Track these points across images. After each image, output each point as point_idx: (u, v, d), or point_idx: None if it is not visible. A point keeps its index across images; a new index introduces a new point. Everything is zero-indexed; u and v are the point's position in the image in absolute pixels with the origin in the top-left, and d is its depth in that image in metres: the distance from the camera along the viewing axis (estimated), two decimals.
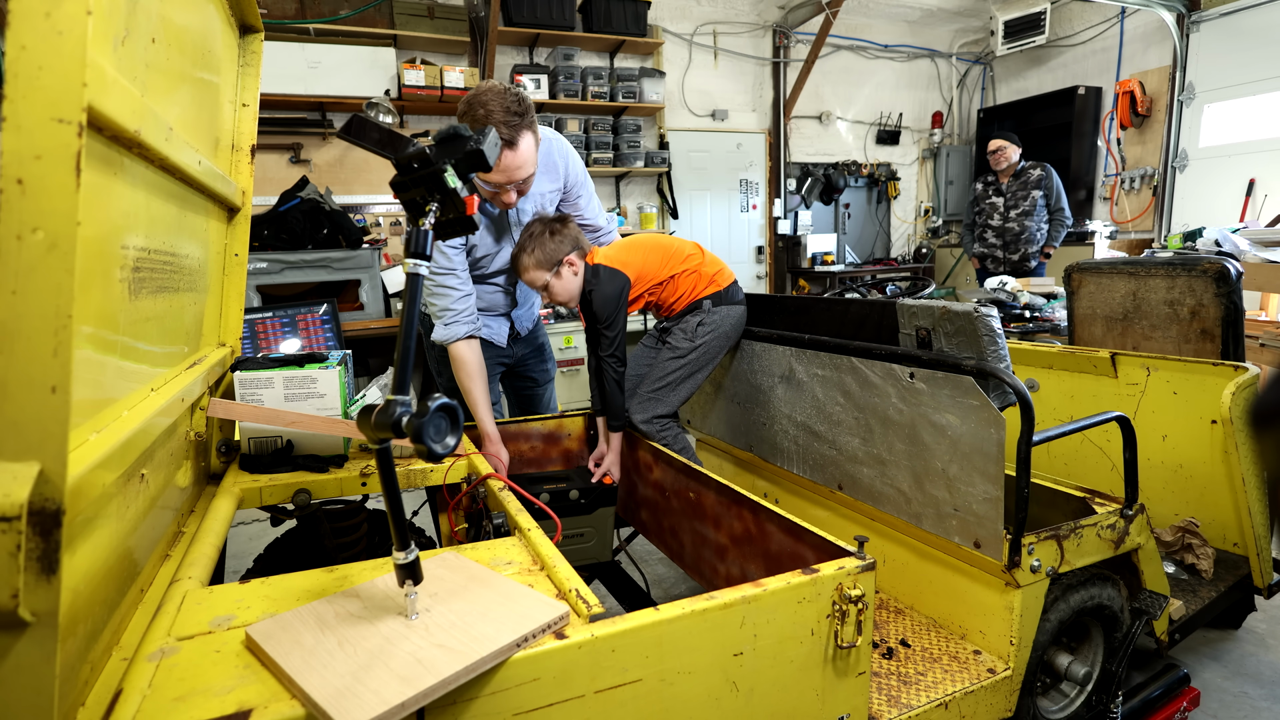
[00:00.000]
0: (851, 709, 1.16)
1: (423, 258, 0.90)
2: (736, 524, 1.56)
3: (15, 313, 0.55)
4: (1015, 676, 1.47)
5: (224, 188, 1.43)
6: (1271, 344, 3.46)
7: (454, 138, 0.93)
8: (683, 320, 2.09)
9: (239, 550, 2.93)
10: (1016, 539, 1.41)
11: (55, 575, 0.58)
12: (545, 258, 1.92)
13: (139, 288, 0.96)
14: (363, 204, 4.99)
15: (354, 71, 4.54)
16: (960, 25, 7.04)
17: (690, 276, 2.07)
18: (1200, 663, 2.10)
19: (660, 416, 2.03)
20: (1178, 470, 2.10)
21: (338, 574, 1.08)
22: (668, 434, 2.04)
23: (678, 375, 2.05)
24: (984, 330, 1.50)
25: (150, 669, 0.82)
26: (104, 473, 0.75)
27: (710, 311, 2.07)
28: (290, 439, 1.54)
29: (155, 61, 0.99)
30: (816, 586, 1.07)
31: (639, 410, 2.04)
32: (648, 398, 2.05)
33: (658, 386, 2.05)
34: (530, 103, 1.77)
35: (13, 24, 0.54)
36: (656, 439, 2.00)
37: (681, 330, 2.07)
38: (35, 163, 0.55)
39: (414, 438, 0.82)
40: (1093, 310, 2.45)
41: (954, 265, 6.96)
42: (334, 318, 3.71)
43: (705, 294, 2.07)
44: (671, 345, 2.08)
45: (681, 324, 2.08)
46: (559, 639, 0.89)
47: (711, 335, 2.05)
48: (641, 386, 2.09)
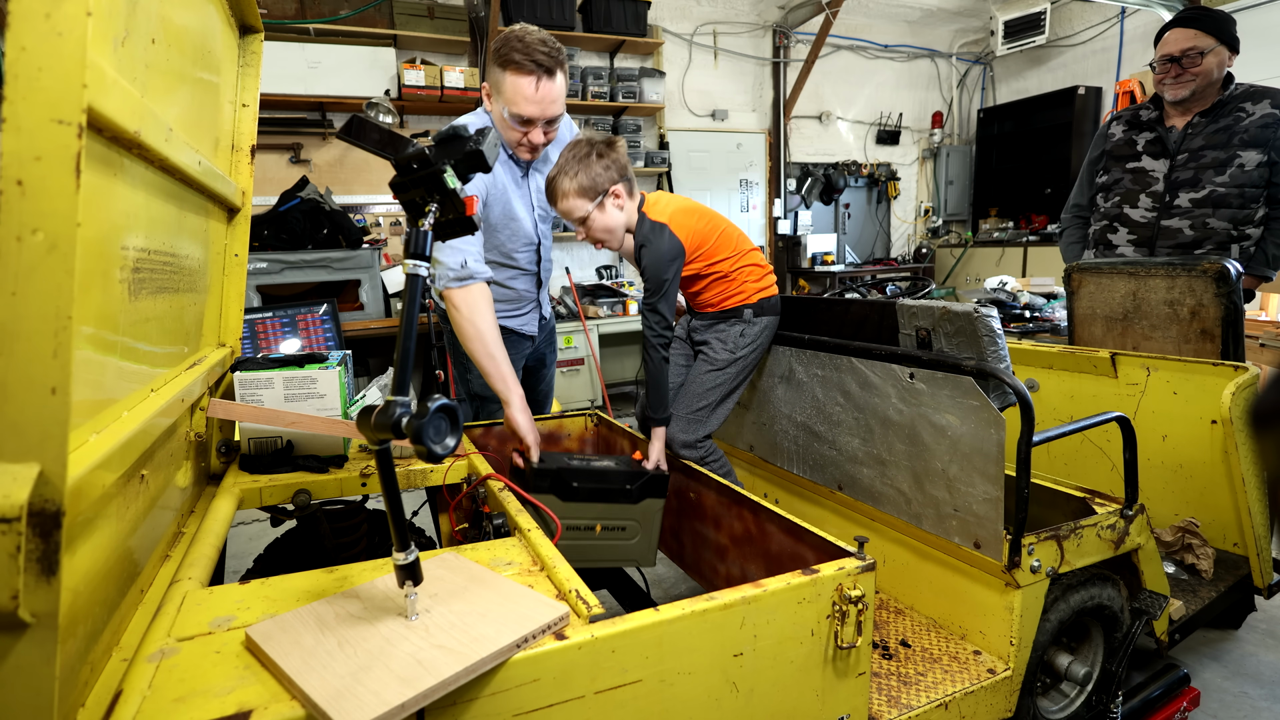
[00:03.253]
0: (851, 709, 1.16)
1: (422, 258, 0.90)
2: (737, 524, 1.56)
3: (15, 314, 0.55)
4: (1015, 677, 1.47)
5: (224, 188, 1.43)
6: (1271, 344, 3.46)
7: (453, 138, 0.93)
8: (720, 328, 1.91)
9: (239, 550, 2.93)
10: (1016, 539, 1.41)
11: (55, 576, 0.58)
12: (589, 183, 1.67)
13: (139, 288, 0.96)
14: (363, 204, 4.99)
15: (354, 71, 4.54)
16: (960, 25, 7.04)
17: (746, 273, 1.87)
18: (1200, 663, 2.10)
19: (705, 438, 1.88)
20: (1178, 470, 2.10)
21: (338, 575, 1.08)
22: (712, 457, 1.89)
23: (717, 393, 1.88)
24: (984, 330, 1.50)
25: (150, 670, 0.82)
26: (104, 474, 0.75)
27: (752, 322, 1.89)
28: (290, 439, 1.54)
29: (155, 62, 0.99)
30: (816, 587, 1.07)
31: (681, 430, 1.85)
32: (689, 419, 1.86)
33: (698, 407, 1.88)
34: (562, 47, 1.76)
35: (12, 25, 0.54)
36: (701, 463, 1.82)
37: (720, 340, 1.90)
38: (35, 164, 0.55)
39: (414, 439, 0.82)
40: (1093, 310, 2.44)
41: (954, 265, 6.96)
42: (334, 318, 3.71)
43: (751, 300, 1.88)
44: (709, 357, 1.90)
45: (719, 332, 1.90)
46: (559, 640, 0.89)
47: (750, 349, 1.90)
48: (679, 406, 1.89)
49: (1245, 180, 2.29)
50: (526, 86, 1.71)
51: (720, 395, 1.91)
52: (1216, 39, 2.32)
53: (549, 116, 1.78)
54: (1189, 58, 2.32)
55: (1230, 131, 2.32)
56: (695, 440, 1.87)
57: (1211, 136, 2.35)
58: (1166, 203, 2.42)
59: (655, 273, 1.71)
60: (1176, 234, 2.40)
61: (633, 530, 1.75)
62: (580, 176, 1.66)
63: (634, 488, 1.69)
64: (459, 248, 1.75)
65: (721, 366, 1.90)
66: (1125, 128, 2.56)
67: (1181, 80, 2.36)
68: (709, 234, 1.82)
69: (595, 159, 1.68)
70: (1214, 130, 2.35)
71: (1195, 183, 2.36)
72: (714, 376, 1.90)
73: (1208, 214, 2.35)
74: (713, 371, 1.90)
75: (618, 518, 1.71)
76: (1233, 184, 2.30)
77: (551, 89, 1.72)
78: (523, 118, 1.76)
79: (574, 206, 1.70)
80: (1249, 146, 2.28)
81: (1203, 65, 2.31)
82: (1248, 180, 2.29)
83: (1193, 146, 2.38)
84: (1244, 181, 2.29)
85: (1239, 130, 2.30)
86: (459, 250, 1.75)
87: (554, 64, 1.70)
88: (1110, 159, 2.59)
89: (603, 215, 1.70)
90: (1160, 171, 2.44)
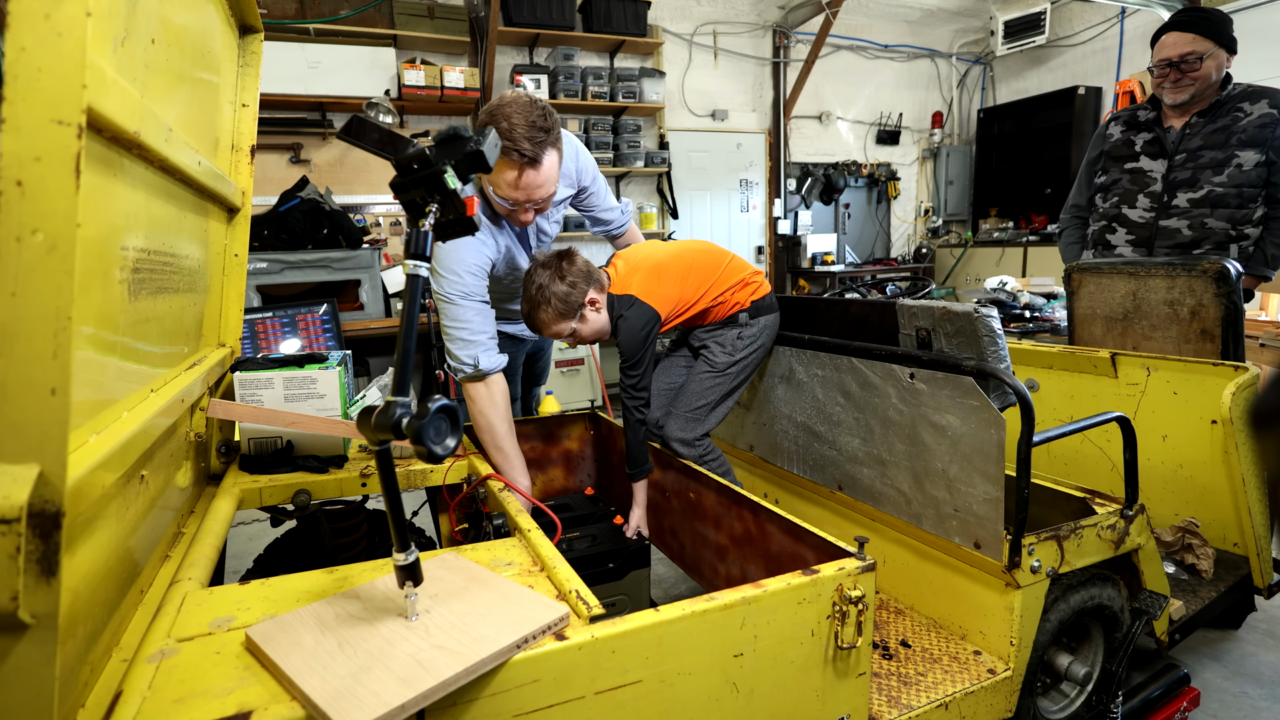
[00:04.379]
0: (851, 710, 1.16)
1: (422, 259, 0.90)
2: (737, 524, 1.56)
3: (15, 314, 0.55)
4: (1015, 677, 1.47)
5: (224, 188, 1.43)
6: (1271, 344, 3.46)
7: (454, 138, 0.93)
8: (718, 333, 1.95)
9: (239, 550, 2.93)
10: (1017, 539, 1.41)
11: (55, 577, 0.58)
12: (565, 307, 1.72)
13: (139, 289, 0.96)
14: (363, 204, 4.99)
15: (354, 71, 4.54)
16: (960, 25, 7.04)
17: (727, 294, 1.91)
18: (1200, 663, 2.10)
19: (703, 437, 1.90)
20: (1178, 470, 2.10)
21: (338, 575, 1.08)
22: (710, 456, 1.90)
23: (715, 394, 1.91)
24: (984, 330, 1.50)
25: (150, 670, 0.82)
26: (104, 474, 0.75)
27: (747, 325, 1.93)
28: (290, 439, 1.54)
29: (155, 62, 0.99)
30: (817, 587, 1.07)
31: (679, 429, 1.88)
32: (687, 417, 1.89)
33: (697, 405, 1.90)
34: (556, 118, 1.63)
35: (12, 25, 0.54)
36: (699, 462, 1.83)
37: (719, 344, 1.94)
38: (35, 164, 0.55)
39: (414, 439, 0.82)
40: (1093, 310, 2.44)
41: (954, 265, 6.96)
42: (334, 318, 3.71)
43: (745, 305, 1.93)
44: (708, 360, 1.94)
45: (718, 336, 1.95)
46: (559, 640, 0.89)
47: (749, 350, 1.93)
48: (678, 404, 1.93)
49: (1243, 180, 2.28)
50: (509, 174, 1.61)
51: (719, 396, 1.92)
52: (1215, 42, 2.28)
53: (535, 201, 1.68)
54: (1187, 62, 2.30)
55: (1228, 132, 2.30)
56: (693, 439, 1.88)
57: (1209, 137, 2.33)
58: (1165, 203, 2.40)
59: (630, 348, 1.76)
60: (1175, 234, 2.39)
61: (622, 604, 1.77)
62: (555, 303, 1.71)
63: (617, 565, 1.70)
64: (471, 340, 1.70)
65: (721, 369, 1.92)
66: (1123, 128, 2.54)
67: (1180, 85, 2.33)
68: (680, 290, 1.85)
69: (560, 283, 1.71)
70: (1212, 130, 2.33)
71: (1193, 183, 2.35)
72: (712, 378, 1.92)
73: (1206, 214, 2.33)
74: (711, 374, 1.92)
75: (607, 595, 1.73)
76: (1231, 184, 2.29)
77: (536, 176, 1.62)
78: (506, 201, 1.68)
79: (560, 330, 1.76)
80: (1247, 146, 2.27)
81: (1201, 69, 2.29)
82: (1246, 180, 2.28)
83: (1191, 147, 2.36)
84: (1242, 181, 2.28)
85: (1237, 130, 2.29)
86: (470, 344, 1.70)
87: (540, 150, 1.58)
88: (1108, 159, 2.57)
89: (586, 324, 1.77)
90: (1158, 172, 2.42)
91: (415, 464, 1.59)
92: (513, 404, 2.08)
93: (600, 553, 1.75)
